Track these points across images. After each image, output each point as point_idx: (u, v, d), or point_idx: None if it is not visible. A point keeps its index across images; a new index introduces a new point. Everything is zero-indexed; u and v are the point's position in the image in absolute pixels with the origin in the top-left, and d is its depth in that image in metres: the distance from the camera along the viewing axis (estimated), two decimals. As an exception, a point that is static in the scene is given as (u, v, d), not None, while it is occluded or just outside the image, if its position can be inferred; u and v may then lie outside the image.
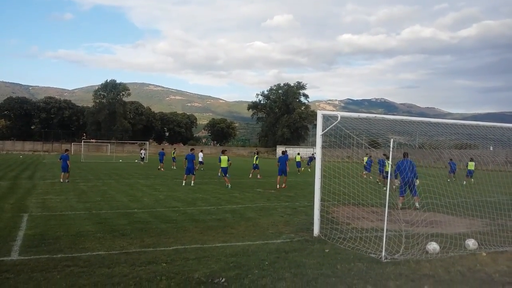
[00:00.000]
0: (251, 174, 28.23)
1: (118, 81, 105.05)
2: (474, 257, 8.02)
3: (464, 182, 26.29)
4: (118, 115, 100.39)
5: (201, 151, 38.76)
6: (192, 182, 20.98)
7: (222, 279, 6.34)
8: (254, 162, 28.48)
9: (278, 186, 20.76)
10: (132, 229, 10.00)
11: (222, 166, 21.75)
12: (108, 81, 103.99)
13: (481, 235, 9.85)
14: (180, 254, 7.74)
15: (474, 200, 14.66)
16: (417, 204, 13.77)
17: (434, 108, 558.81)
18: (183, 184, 20.87)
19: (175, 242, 8.67)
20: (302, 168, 35.71)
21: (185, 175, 21.13)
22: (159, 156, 36.68)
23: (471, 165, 29.08)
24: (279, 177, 21.19)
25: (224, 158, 21.70)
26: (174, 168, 35.89)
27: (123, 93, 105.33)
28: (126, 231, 9.69)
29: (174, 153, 40.78)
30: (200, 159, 33.85)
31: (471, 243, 8.69)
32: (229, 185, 20.37)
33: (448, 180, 26.96)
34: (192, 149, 22.60)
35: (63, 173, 21.80)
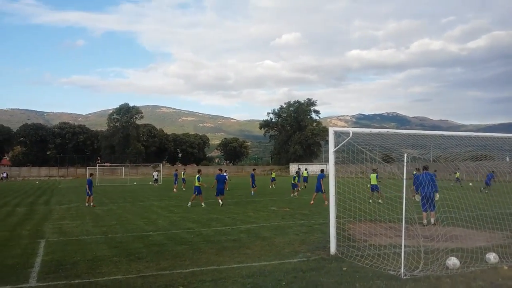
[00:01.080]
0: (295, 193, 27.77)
1: (131, 105, 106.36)
2: (495, 271, 7.84)
3: None
4: (131, 138, 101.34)
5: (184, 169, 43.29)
6: (221, 201, 20.94)
7: (239, 301, 6.28)
8: (292, 181, 28.64)
9: (312, 202, 21.45)
10: (148, 252, 10.00)
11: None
12: (121, 105, 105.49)
13: (501, 248, 9.63)
14: (196, 276, 7.71)
15: (493, 213, 14.39)
16: (432, 220, 13.50)
17: (447, 120, 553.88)
18: (221, 204, 20.67)
19: (191, 264, 8.64)
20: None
21: (217, 197, 21.22)
22: (174, 177, 36.94)
23: None
24: (315, 193, 21.93)
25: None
26: (184, 189, 35.69)
27: (136, 116, 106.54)
28: (142, 254, 9.70)
29: (184, 174, 40.64)
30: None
31: (492, 256, 8.51)
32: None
33: (486, 191, 26.64)
34: (220, 169, 22.89)
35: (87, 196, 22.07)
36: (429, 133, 11.39)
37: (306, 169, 39.77)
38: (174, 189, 34.49)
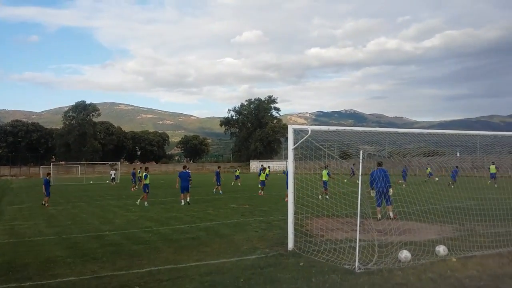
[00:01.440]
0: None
1: (87, 102, 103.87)
2: (444, 263, 8.18)
3: (489, 182, 26.71)
4: (88, 136, 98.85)
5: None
6: (188, 198, 20.71)
7: (196, 299, 6.26)
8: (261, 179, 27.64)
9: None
10: (104, 252, 9.79)
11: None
12: (77, 102, 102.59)
13: (451, 240, 10.05)
14: (153, 275, 7.62)
15: (443, 207, 15.01)
16: (390, 214, 13.92)
17: (402, 117, 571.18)
18: (183, 203, 20.42)
19: (148, 264, 8.52)
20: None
21: (182, 194, 20.88)
22: (132, 176, 36.03)
23: (493, 169, 30.17)
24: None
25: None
26: (140, 188, 34.52)
27: (93, 113, 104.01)
28: (97, 255, 9.48)
29: (140, 172, 39.58)
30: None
31: (441, 249, 8.87)
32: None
33: (453, 186, 27.64)
34: (184, 167, 22.40)
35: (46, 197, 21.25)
36: (384, 130, 11.70)
37: (268, 167, 38.72)
38: (132, 188, 33.77)
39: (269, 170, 37.89)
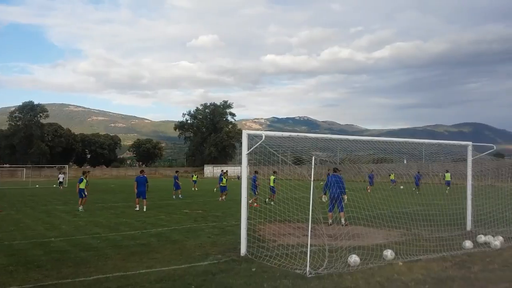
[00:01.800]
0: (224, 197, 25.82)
1: (36, 102, 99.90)
2: (391, 267, 8.46)
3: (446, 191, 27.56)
4: (35, 137, 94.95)
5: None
6: (145, 207, 19.77)
7: (146, 307, 6.12)
8: (221, 184, 26.32)
9: None
10: (48, 259, 9.37)
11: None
12: (24, 102, 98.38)
13: (398, 245, 10.41)
14: (101, 284, 7.37)
15: (390, 212, 15.51)
16: (342, 220, 14.21)
17: (353, 125, 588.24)
18: (137, 209, 19.68)
19: (95, 272, 8.24)
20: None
21: (137, 199, 20.08)
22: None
23: (448, 176, 31.30)
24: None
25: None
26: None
27: (41, 114, 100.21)
28: (41, 262, 9.06)
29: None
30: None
31: (389, 253, 9.17)
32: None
33: (418, 192, 28.43)
34: (141, 171, 21.51)
35: None
36: (336, 137, 11.97)
37: (226, 171, 38.21)
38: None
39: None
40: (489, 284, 7.28)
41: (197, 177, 40.38)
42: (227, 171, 31.60)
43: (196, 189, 36.05)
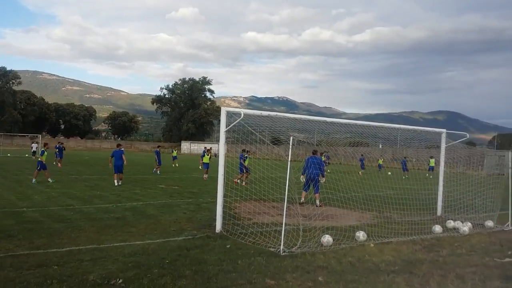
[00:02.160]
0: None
1: (8, 68, 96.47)
2: (363, 248, 8.67)
3: (427, 175, 27.87)
4: (7, 105, 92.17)
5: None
6: (120, 181, 19.22)
7: (119, 280, 6.12)
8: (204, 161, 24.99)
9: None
10: (20, 229, 9.22)
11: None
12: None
13: (370, 227, 10.66)
14: (74, 255, 7.32)
15: (364, 195, 15.82)
16: (317, 202, 14.42)
17: (331, 107, 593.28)
18: (116, 184, 18.93)
19: (68, 243, 8.17)
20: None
21: (115, 174, 19.40)
22: (56, 150, 33.45)
23: (432, 162, 31.81)
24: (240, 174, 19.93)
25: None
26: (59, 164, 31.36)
27: (13, 81, 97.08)
28: (13, 232, 8.91)
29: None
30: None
31: (360, 235, 9.38)
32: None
33: (407, 177, 28.63)
34: (118, 145, 20.78)
35: None
36: (314, 118, 12.07)
37: (211, 148, 37.29)
38: (59, 164, 31.63)
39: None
40: (456, 267, 7.54)
41: (177, 153, 40.13)
42: (211, 148, 31.10)
43: (177, 165, 35.76)
